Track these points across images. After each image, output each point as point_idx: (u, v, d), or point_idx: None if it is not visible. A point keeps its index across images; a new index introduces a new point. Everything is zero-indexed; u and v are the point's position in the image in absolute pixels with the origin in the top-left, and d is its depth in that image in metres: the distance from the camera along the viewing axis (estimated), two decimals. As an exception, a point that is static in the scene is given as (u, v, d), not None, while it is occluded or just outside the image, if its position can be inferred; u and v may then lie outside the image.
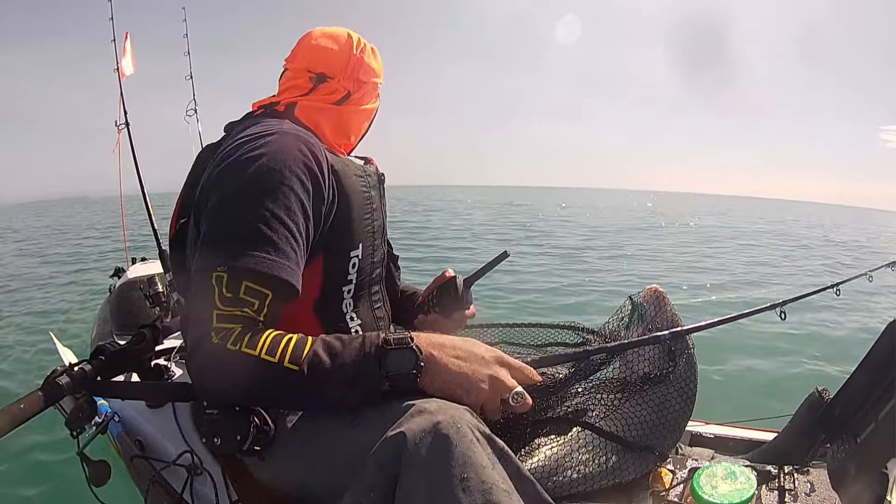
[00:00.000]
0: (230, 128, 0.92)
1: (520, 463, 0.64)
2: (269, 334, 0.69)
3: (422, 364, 0.68)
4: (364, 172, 0.93)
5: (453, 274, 1.05)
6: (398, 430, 0.59)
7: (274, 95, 0.97)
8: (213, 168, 0.81)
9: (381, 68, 1.00)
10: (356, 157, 1.00)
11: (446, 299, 1.03)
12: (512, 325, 1.19)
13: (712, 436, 1.22)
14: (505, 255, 1.00)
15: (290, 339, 0.70)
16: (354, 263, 0.89)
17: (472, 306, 1.07)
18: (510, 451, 0.64)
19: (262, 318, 0.72)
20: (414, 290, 1.17)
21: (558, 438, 0.91)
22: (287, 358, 0.67)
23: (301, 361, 0.67)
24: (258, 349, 0.67)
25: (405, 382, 0.68)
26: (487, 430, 0.63)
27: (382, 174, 1.01)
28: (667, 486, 0.91)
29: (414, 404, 0.63)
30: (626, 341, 0.94)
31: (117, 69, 2.50)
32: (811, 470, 0.93)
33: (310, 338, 0.71)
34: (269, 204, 0.74)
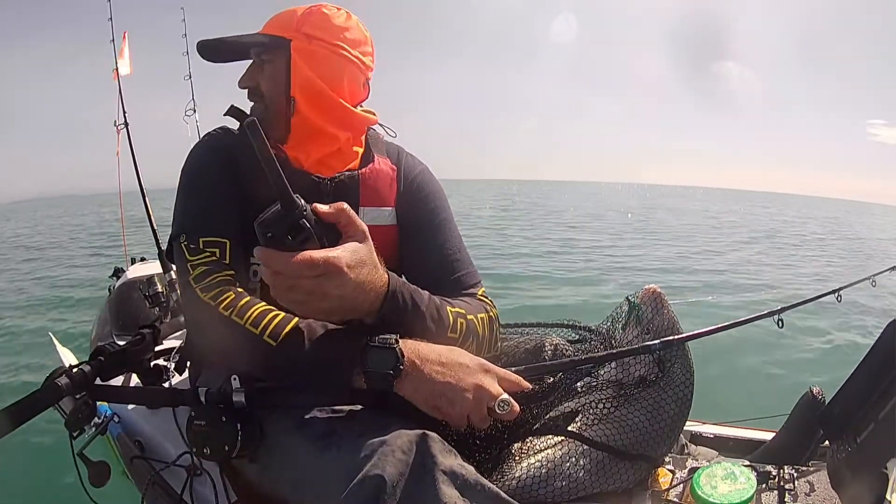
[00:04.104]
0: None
1: (496, 488, 0.63)
2: (260, 306, 0.76)
3: (401, 367, 0.68)
4: None
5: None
6: (377, 472, 0.59)
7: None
8: None
9: None
10: None
11: (267, 217, 0.65)
12: (512, 325, 1.19)
13: (712, 436, 1.22)
14: (250, 121, 0.60)
15: (277, 314, 0.75)
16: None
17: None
18: (481, 479, 0.63)
19: (227, 261, 0.82)
20: None
21: (551, 445, 0.90)
22: (268, 331, 0.72)
23: (279, 338, 0.72)
24: (245, 318, 0.74)
25: (380, 382, 0.68)
26: (451, 464, 0.62)
27: None
28: (666, 486, 0.91)
29: (385, 440, 0.62)
30: (614, 351, 0.92)
31: (115, 69, 2.49)
32: (811, 470, 0.93)
33: (296, 318, 0.74)
34: None
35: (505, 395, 0.70)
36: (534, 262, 7.37)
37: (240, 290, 0.80)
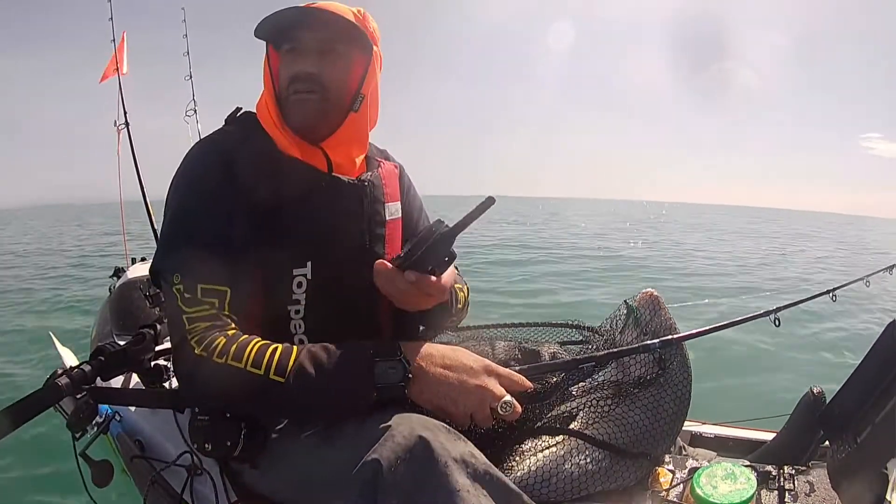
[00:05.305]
0: None
1: (504, 477, 0.64)
2: (255, 345, 0.71)
3: (409, 376, 0.69)
4: None
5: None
6: (374, 457, 0.59)
7: None
8: None
9: None
10: None
11: (439, 250, 0.78)
12: (514, 324, 1.19)
13: (712, 436, 1.22)
14: (490, 200, 0.77)
15: (276, 349, 0.71)
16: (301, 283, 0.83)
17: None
18: (490, 468, 0.64)
19: (226, 312, 0.75)
20: None
21: (552, 444, 0.91)
22: (272, 370, 0.69)
23: (287, 373, 0.69)
24: (244, 361, 0.70)
25: (393, 393, 0.69)
26: (461, 452, 0.63)
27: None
28: (666, 486, 0.91)
29: (389, 426, 0.63)
30: (614, 350, 0.94)
31: (117, 68, 2.50)
32: (811, 470, 0.93)
33: (295, 348, 0.72)
34: None
35: (508, 397, 0.71)
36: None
37: (230, 331, 0.74)
